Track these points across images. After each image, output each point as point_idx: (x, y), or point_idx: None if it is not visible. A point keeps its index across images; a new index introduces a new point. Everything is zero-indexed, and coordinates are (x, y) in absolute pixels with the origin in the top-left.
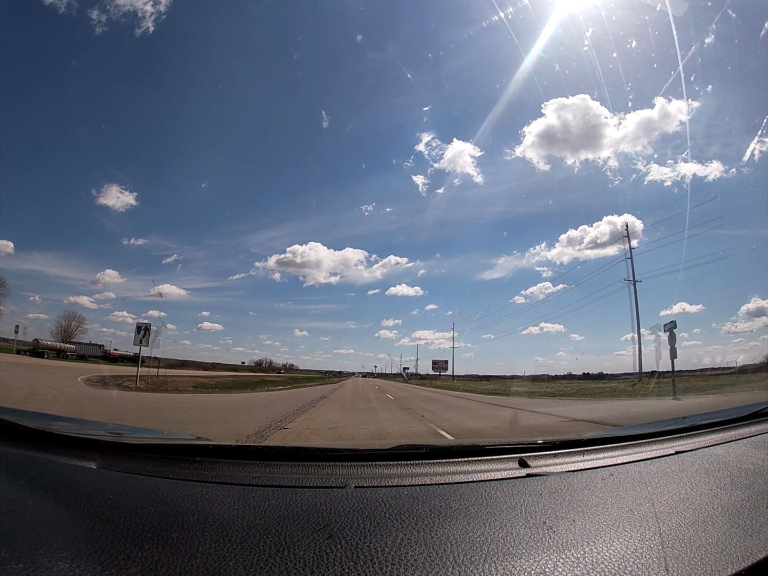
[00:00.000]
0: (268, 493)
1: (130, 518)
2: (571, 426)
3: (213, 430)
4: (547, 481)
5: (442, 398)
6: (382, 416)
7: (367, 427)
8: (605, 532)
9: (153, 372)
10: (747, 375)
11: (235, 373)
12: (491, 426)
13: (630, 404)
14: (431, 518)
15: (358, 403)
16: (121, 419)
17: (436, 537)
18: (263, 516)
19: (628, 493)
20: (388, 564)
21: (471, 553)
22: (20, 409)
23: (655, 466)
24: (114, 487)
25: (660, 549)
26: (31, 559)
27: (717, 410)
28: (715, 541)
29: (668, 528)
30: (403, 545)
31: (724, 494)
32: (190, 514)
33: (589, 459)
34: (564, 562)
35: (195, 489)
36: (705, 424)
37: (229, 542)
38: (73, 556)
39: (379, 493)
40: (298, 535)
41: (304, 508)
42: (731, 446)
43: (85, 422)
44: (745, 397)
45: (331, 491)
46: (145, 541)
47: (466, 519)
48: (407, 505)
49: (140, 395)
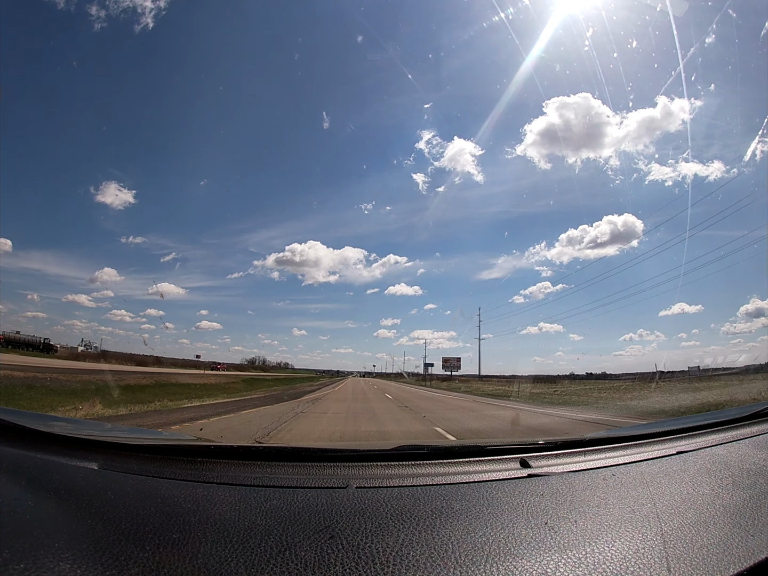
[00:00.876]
0: (269, 494)
1: (132, 519)
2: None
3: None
4: (548, 481)
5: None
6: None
7: None
8: (607, 532)
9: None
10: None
11: (159, 370)
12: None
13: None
14: (433, 519)
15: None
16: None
17: (438, 537)
18: (265, 516)
19: (629, 494)
20: (389, 564)
21: (473, 554)
22: (21, 410)
23: (657, 467)
24: (115, 488)
25: (662, 549)
26: (33, 559)
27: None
28: (717, 541)
29: (670, 528)
30: (405, 546)
31: (725, 494)
32: (192, 515)
33: (590, 459)
34: (566, 563)
35: (196, 489)
36: (706, 424)
37: (231, 543)
38: (75, 557)
39: (381, 493)
40: (300, 536)
41: (305, 509)
42: (733, 446)
43: (86, 423)
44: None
45: (332, 492)
46: (147, 542)
47: (467, 519)
48: (409, 505)
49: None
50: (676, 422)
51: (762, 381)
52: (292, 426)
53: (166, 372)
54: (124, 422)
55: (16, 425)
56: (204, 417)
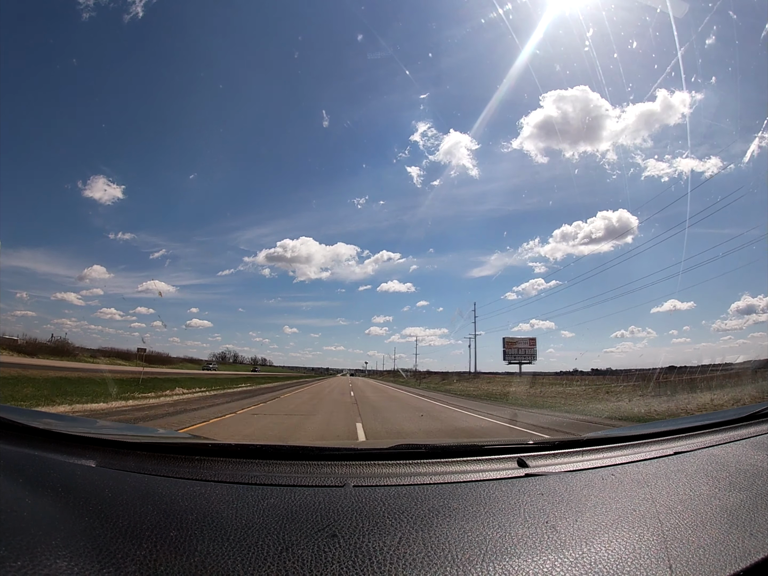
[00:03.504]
0: (266, 492)
1: (129, 516)
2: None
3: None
4: (546, 481)
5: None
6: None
7: None
8: (604, 532)
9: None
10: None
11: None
12: None
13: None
14: (430, 517)
15: None
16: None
17: (435, 536)
18: (262, 515)
19: (627, 494)
20: (386, 563)
21: (469, 553)
22: (19, 407)
23: (655, 467)
24: (113, 486)
25: (662, 549)
26: (30, 557)
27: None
28: (714, 542)
29: (667, 528)
30: (402, 544)
31: (722, 495)
32: (189, 513)
33: (588, 459)
34: (562, 562)
35: (194, 487)
36: (704, 425)
37: (228, 540)
38: (72, 554)
39: (378, 492)
40: (297, 534)
41: (302, 507)
42: (730, 447)
43: (84, 420)
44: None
45: (329, 490)
46: (144, 540)
47: (464, 518)
48: (406, 504)
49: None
50: (674, 423)
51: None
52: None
53: (75, 367)
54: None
55: (13, 422)
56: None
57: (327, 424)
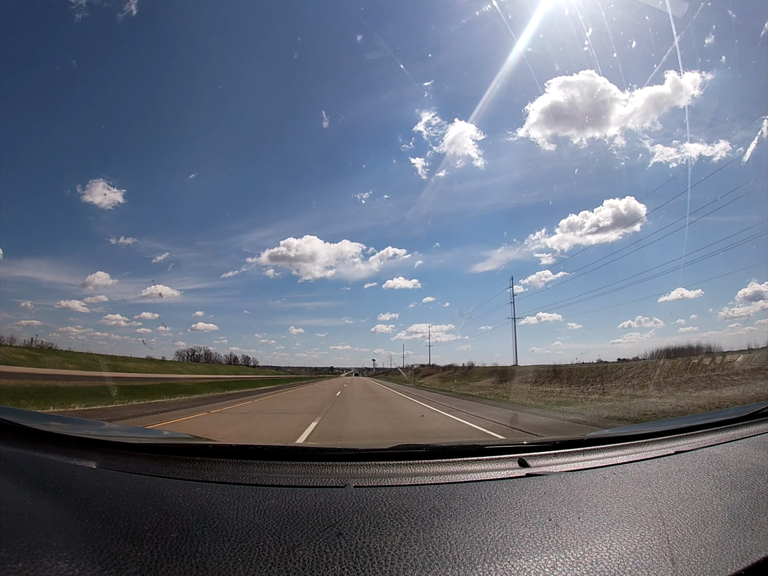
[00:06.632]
0: (267, 493)
1: (130, 518)
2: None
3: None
4: (546, 480)
5: None
6: None
7: None
8: (605, 531)
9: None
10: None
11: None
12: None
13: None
14: (431, 518)
15: None
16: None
17: (436, 536)
18: (263, 515)
19: (628, 493)
20: (387, 563)
21: (470, 553)
22: (19, 409)
23: (656, 466)
24: (113, 487)
25: (664, 548)
26: (31, 558)
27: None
28: (715, 541)
29: (669, 527)
30: (403, 545)
31: (723, 494)
32: (190, 514)
33: (589, 459)
34: (564, 562)
35: (194, 489)
36: (705, 424)
37: (229, 542)
38: (73, 556)
39: (379, 492)
40: (298, 535)
41: (303, 508)
42: (731, 446)
43: (85, 422)
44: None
45: (330, 491)
46: (145, 541)
47: (465, 519)
48: (407, 504)
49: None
50: (674, 422)
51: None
52: None
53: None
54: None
55: (14, 424)
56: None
57: None
